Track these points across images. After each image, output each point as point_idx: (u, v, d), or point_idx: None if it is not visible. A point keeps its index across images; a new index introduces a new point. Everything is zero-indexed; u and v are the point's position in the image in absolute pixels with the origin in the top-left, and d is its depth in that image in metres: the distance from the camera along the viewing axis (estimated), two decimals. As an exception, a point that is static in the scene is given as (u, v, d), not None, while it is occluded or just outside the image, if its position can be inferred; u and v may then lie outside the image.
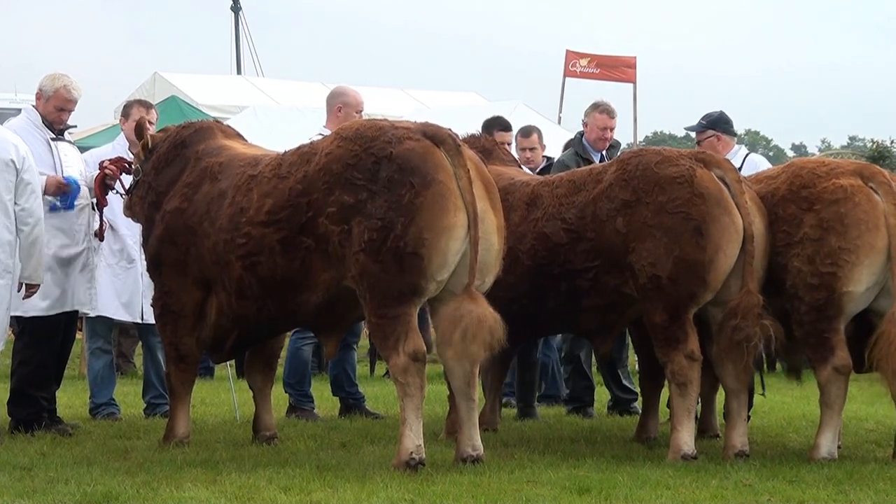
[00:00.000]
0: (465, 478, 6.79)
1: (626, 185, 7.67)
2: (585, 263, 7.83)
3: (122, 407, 9.86)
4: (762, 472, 7.10)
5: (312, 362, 10.41)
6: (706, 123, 9.68)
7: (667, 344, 7.54)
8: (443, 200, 6.93)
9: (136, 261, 9.54)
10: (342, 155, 7.14)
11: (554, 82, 25.71)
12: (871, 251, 7.41)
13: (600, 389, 10.51)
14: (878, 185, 7.53)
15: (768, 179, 7.91)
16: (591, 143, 10.08)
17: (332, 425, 9.13)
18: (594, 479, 6.80)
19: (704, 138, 9.63)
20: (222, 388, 10.86)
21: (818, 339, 7.51)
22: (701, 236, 7.41)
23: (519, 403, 9.94)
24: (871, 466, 7.35)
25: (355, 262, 7.01)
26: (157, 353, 9.66)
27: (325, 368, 12.13)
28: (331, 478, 6.80)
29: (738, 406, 7.67)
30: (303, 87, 25.11)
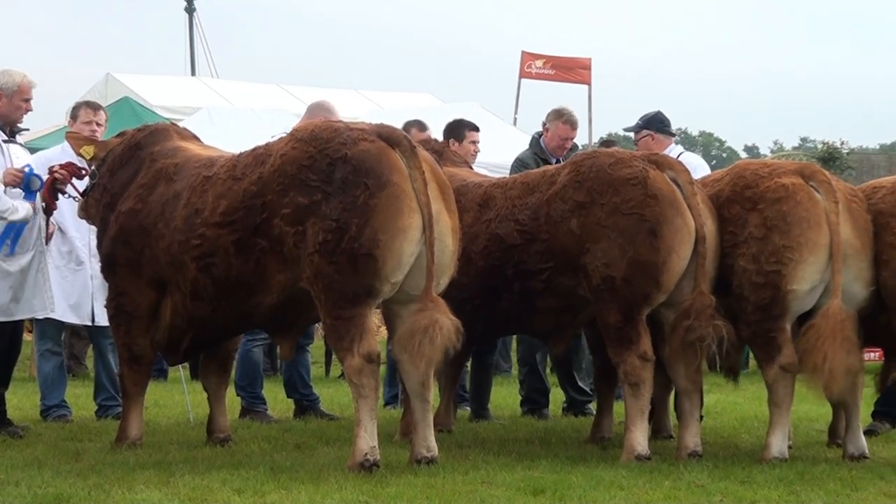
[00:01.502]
0: (419, 479, 6.79)
1: (579, 186, 7.70)
2: (539, 264, 7.85)
3: (74, 409, 9.80)
4: (715, 473, 7.14)
5: (266, 363, 10.38)
6: (642, 123, 9.83)
7: (620, 344, 7.57)
8: (397, 202, 6.93)
9: (84, 263, 9.49)
10: (297, 156, 7.13)
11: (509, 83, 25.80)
12: (813, 249, 7.49)
13: (556, 391, 10.54)
14: (818, 184, 7.62)
15: (714, 182, 7.99)
16: (550, 150, 10.12)
17: (286, 427, 9.11)
18: (549, 481, 6.81)
19: (640, 138, 9.78)
20: (176, 390, 10.81)
21: (765, 338, 7.59)
22: (655, 237, 7.45)
23: (473, 405, 9.94)
24: (822, 467, 7.40)
25: (310, 264, 7.00)
26: (108, 356, 9.60)
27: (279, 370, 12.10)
28: (285, 479, 6.77)
29: (690, 406, 7.72)
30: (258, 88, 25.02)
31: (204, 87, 25.04)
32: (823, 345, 7.35)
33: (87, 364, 12.89)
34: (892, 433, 9.13)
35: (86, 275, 9.52)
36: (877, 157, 31.59)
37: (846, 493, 6.67)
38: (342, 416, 9.67)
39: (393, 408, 10.10)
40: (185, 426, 9.16)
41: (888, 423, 9.27)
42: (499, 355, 13.25)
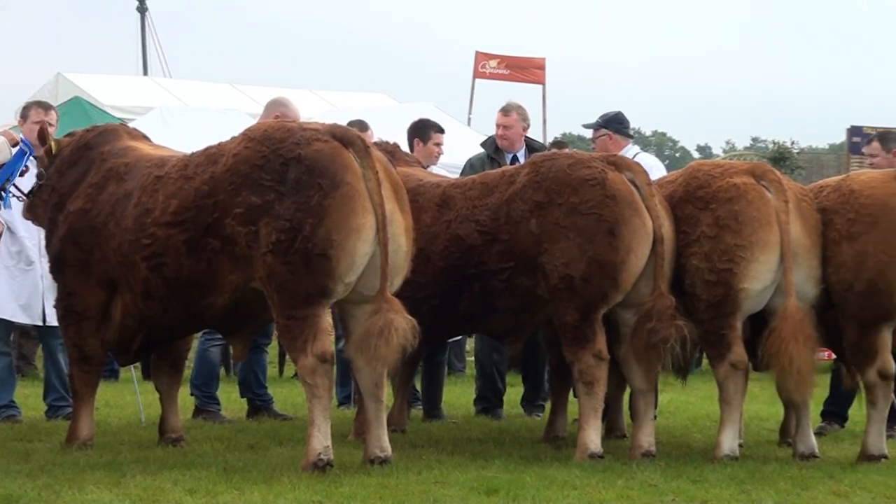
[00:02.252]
0: (372, 479, 6.78)
1: (538, 186, 7.73)
2: (499, 264, 7.86)
3: (23, 409, 9.71)
4: (667, 472, 7.18)
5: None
6: (601, 122, 9.87)
7: (575, 343, 7.60)
8: (351, 202, 6.92)
9: (34, 263, 9.41)
10: (250, 156, 7.10)
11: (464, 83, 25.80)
12: (765, 247, 7.56)
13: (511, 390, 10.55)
14: (769, 183, 7.69)
15: (668, 183, 8.05)
16: (502, 147, 10.13)
17: (239, 427, 9.07)
18: (502, 480, 6.82)
19: (598, 136, 9.83)
20: (127, 391, 10.73)
21: (716, 335, 7.64)
22: (613, 237, 7.49)
23: (426, 405, 9.94)
24: (773, 466, 7.46)
25: (263, 264, 6.97)
26: (58, 356, 9.52)
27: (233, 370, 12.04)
28: (237, 480, 6.74)
29: (644, 406, 7.76)
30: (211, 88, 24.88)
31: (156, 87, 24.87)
32: (788, 347, 7.41)
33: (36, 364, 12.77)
34: (840, 433, 9.20)
35: (36, 275, 9.44)
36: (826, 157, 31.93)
37: (796, 492, 6.73)
38: (296, 416, 9.64)
39: (346, 408, 10.07)
40: (137, 426, 9.10)
41: (837, 423, 9.36)
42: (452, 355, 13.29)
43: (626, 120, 10.00)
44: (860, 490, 6.80)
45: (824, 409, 9.41)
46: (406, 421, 8.99)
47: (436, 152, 10.38)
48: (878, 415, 7.71)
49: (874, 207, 7.60)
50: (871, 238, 7.56)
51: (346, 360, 7.27)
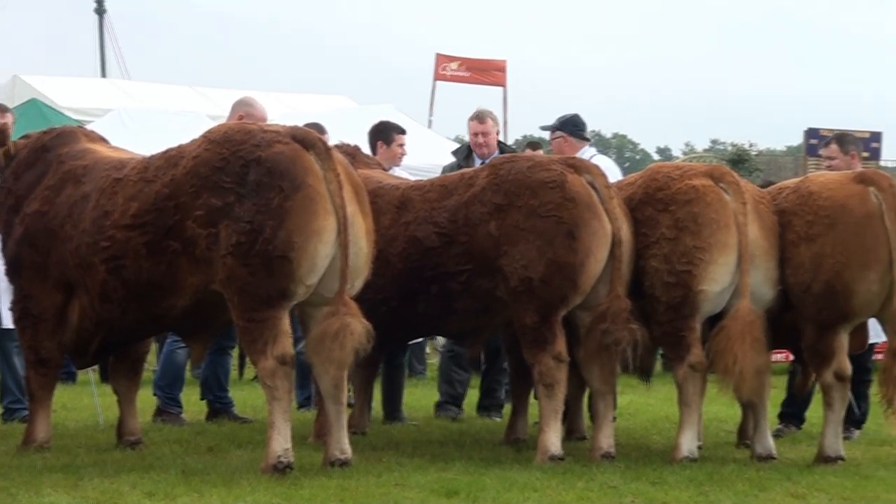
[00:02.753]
0: (333, 481, 6.77)
1: (498, 189, 7.74)
2: (458, 267, 7.86)
3: (-21, 413, 9.61)
4: (627, 474, 7.20)
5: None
6: (557, 125, 9.90)
7: (535, 345, 7.61)
8: (312, 204, 6.90)
9: None
10: (210, 158, 7.07)
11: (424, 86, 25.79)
12: (723, 249, 7.60)
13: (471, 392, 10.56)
14: (727, 186, 7.74)
15: (627, 185, 8.08)
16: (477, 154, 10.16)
17: (198, 430, 9.02)
18: (462, 482, 6.82)
19: (554, 138, 9.85)
20: (85, 393, 10.66)
21: (675, 337, 7.68)
22: (573, 240, 7.50)
23: (386, 408, 9.92)
24: (731, 467, 7.50)
25: (223, 266, 6.95)
26: (13, 358, 9.44)
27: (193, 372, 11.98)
28: (197, 482, 6.71)
29: (604, 408, 7.78)
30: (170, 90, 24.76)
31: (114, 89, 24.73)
32: (734, 346, 7.46)
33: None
34: (798, 434, 9.26)
35: None
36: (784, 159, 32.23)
37: (754, 494, 6.78)
38: (255, 418, 9.60)
39: (306, 410, 10.04)
40: (95, 429, 9.03)
41: (794, 424, 9.41)
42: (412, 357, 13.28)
43: (583, 122, 10.03)
44: (817, 492, 6.85)
45: (782, 410, 9.47)
46: (367, 423, 8.97)
47: (399, 154, 10.38)
48: (835, 416, 7.75)
49: (832, 209, 7.65)
50: (829, 240, 7.61)
51: (305, 362, 7.24)
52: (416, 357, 13.44)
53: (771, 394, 8.10)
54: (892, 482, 7.14)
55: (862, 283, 7.54)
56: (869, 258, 7.53)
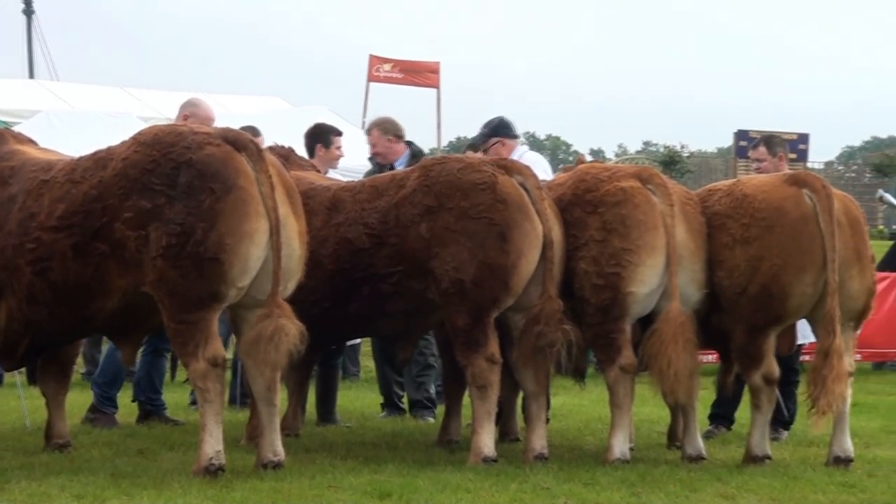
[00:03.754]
0: (265, 484, 6.74)
1: (428, 190, 7.73)
2: (389, 268, 7.85)
3: None
4: (559, 475, 7.23)
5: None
6: (488, 132, 9.91)
7: (468, 347, 7.61)
8: (244, 206, 6.87)
9: None
10: (139, 160, 7.02)
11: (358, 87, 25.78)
12: (651, 251, 7.64)
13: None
14: (655, 187, 7.79)
15: (556, 186, 8.10)
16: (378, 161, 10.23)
17: (128, 432, 8.95)
18: (395, 484, 6.82)
19: (490, 146, 9.83)
20: (12, 396, 10.51)
21: (605, 339, 7.72)
22: (504, 241, 7.51)
23: (319, 410, 9.89)
24: (663, 469, 7.55)
25: (153, 268, 6.90)
26: None
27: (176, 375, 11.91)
28: (126, 485, 6.66)
29: (537, 409, 7.80)
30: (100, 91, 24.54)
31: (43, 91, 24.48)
32: (667, 349, 7.52)
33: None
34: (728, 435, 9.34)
35: None
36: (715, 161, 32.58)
37: (685, 495, 6.83)
38: (187, 421, 9.53)
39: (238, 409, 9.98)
40: (22, 432, 8.92)
41: (724, 425, 9.50)
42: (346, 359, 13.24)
43: (510, 123, 10.07)
44: (746, 492, 6.92)
45: (712, 411, 9.54)
46: (300, 425, 8.94)
47: (337, 156, 10.37)
48: (762, 418, 7.83)
49: (768, 212, 7.72)
50: (766, 242, 7.68)
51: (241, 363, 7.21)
52: (350, 359, 13.41)
53: (700, 395, 8.17)
54: (820, 483, 7.22)
55: (798, 286, 7.62)
56: (805, 260, 7.61)
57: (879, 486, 7.16)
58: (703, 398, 8.28)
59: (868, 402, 11.63)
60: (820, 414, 7.60)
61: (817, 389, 7.58)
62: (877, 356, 15.29)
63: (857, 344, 9.14)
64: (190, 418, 9.53)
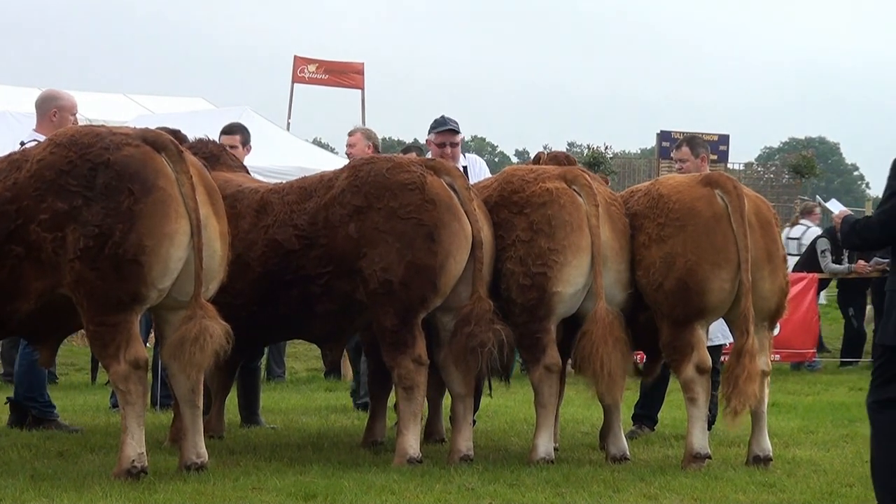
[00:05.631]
0: (188, 486, 6.69)
1: (357, 191, 7.71)
2: (318, 269, 7.82)
3: None
4: (485, 476, 7.25)
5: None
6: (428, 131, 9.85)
7: (395, 348, 7.60)
8: (164, 207, 6.81)
9: None
10: (55, 161, 6.93)
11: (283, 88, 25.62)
12: (577, 251, 7.70)
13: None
14: (580, 188, 7.85)
15: (483, 188, 8.13)
16: None
17: (48, 434, 8.82)
18: (320, 486, 6.79)
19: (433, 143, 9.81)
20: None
21: (531, 339, 7.75)
22: (433, 241, 7.52)
23: (243, 412, 9.82)
24: (587, 469, 7.60)
25: (71, 270, 6.81)
26: None
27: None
28: (46, 487, 6.58)
29: (463, 410, 7.81)
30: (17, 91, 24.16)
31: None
32: (598, 350, 7.56)
33: None
34: (651, 435, 9.42)
35: None
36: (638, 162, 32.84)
37: (608, 495, 6.87)
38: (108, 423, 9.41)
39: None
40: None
41: (647, 426, 9.57)
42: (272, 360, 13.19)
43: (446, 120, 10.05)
44: (669, 492, 6.97)
45: (635, 412, 9.62)
46: (223, 427, 8.88)
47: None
48: (700, 412, 7.80)
49: (681, 212, 7.81)
50: (679, 240, 7.75)
51: (164, 365, 7.13)
52: (275, 360, 13.36)
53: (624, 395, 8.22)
54: (741, 483, 7.30)
55: (714, 281, 7.70)
56: (719, 257, 7.70)
57: (799, 486, 7.26)
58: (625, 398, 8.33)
59: (786, 402, 11.80)
60: (733, 413, 7.67)
61: (730, 389, 7.66)
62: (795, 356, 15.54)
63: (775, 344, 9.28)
64: (111, 420, 9.42)
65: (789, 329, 14.20)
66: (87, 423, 9.49)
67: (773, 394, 8.29)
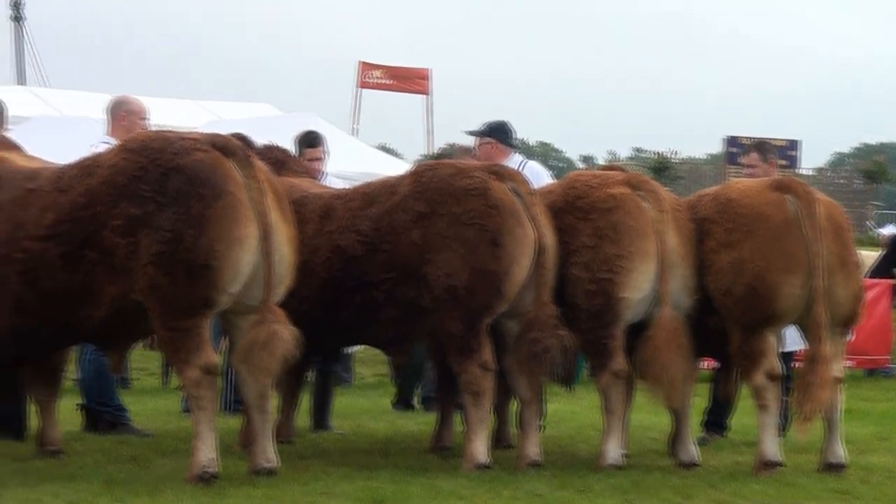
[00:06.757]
0: (259, 490, 6.73)
1: (420, 196, 7.73)
2: (381, 275, 7.83)
3: None
4: (553, 482, 7.22)
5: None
6: (485, 130, 9.91)
7: (461, 354, 7.60)
8: (234, 212, 6.87)
9: None
10: (127, 167, 7.00)
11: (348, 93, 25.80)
12: (643, 257, 7.67)
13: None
14: (646, 193, 7.81)
15: (547, 193, 8.11)
16: None
17: (121, 439, 8.90)
18: (389, 491, 6.81)
19: (481, 144, 9.87)
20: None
21: (597, 345, 7.72)
22: (496, 247, 7.51)
23: (315, 416, 9.88)
24: (656, 475, 7.55)
25: (144, 275, 6.88)
26: None
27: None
28: (120, 492, 6.64)
29: (531, 416, 7.80)
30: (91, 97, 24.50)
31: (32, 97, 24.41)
32: (660, 355, 7.54)
33: None
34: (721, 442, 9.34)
35: None
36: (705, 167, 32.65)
37: (678, 501, 6.83)
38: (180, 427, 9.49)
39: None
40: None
41: (717, 432, 9.50)
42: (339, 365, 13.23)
43: (511, 130, 10.06)
44: (740, 499, 6.92)
45: (705, 418, 9.55)
46: (293, 431, 8.92)
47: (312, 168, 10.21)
48: (771, 419, 7.73)
49: (750, 217, 7.74)
50: (748, 246, 7.68)
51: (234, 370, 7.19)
52: (343, 365, 13.40)
53: (693, 401, 8.17)
54: (813, 490, 7.23)
55: (785, 287, 7.63)
56: (789, 262, 7.62)
57: (873, 493, 7.18)
58: (695, 405, 8.28)
59: (860, 409, 11.65)
60: (805, 420, 7.61)
61: (803, 396, 7.59)
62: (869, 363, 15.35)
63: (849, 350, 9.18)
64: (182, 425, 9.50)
65: (863, 335, 14.03)
66: (159, 428, 9.57)
67: (847, 400, 8.19)
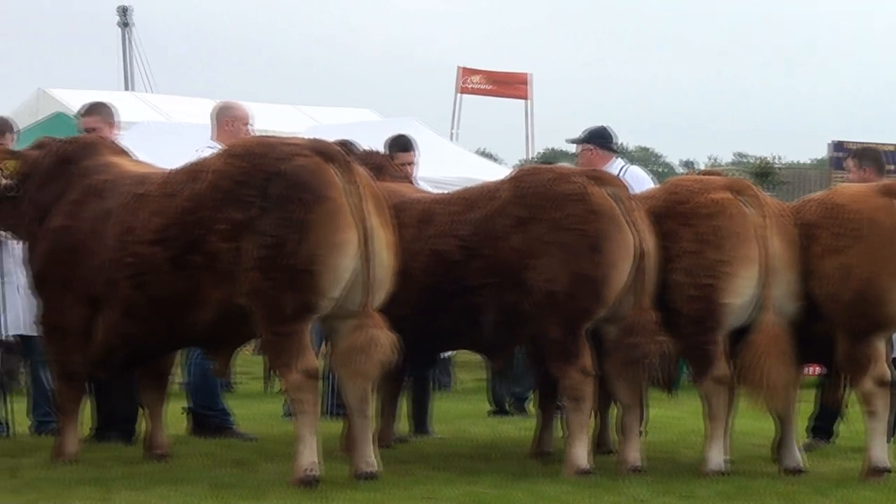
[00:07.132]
0: (361, 494, 6.76)
1: (520, 201, 7.72)
2: (480, 280, 7.84)
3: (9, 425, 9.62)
4: (655, 488, 7.17)
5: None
6: (585, 137, 9.92)
7: (561, 359, 7.58)
8: (334, 217, 6.92)
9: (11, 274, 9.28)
10: (231, 172, 7.09)
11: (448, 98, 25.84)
12: (745, 263, 7.59)
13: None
14: (748, 199, 7.73)
15: (648, 198, 8.06)
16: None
17: (226, 443, 9.01)
18: (491, 496, 6.81)
19: (582, 150, 9.84)
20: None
21: (699, 351, 7.66)
22: (596, 252, 7.48)
23: (413, 421, 9.91)
24: (761, 481, 7.46)
25: (247, 280, 6.96)
26: (39, 372, 9.42)
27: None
28: (226, 495, 6.71)
29: (632, 421, 7.75)
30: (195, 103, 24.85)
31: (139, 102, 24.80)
32: (761, 360, 7.45)
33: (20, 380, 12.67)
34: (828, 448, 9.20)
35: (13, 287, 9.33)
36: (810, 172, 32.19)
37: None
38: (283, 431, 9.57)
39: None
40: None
41: (824, 438, 9.37)
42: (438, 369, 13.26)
43: (611, 135, 10.03)
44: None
45: (812, 424, 9.42)
46: (393, 436, 8.96)
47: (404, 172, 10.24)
48: (880, 426, 7.61)
49: (859, 222, 7.63)
50: (856, 251, 7.56)
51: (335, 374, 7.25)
52: (442, 370, 13.43)
53: (800, 407, 8.05)
54: (924, 496, 7.10)
55: (894, 293, 7.51)
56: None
57: None
58: (801, 411, 8.17)
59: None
60: None
61: None
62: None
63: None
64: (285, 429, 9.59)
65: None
66: (263, 432, 9.68)
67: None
